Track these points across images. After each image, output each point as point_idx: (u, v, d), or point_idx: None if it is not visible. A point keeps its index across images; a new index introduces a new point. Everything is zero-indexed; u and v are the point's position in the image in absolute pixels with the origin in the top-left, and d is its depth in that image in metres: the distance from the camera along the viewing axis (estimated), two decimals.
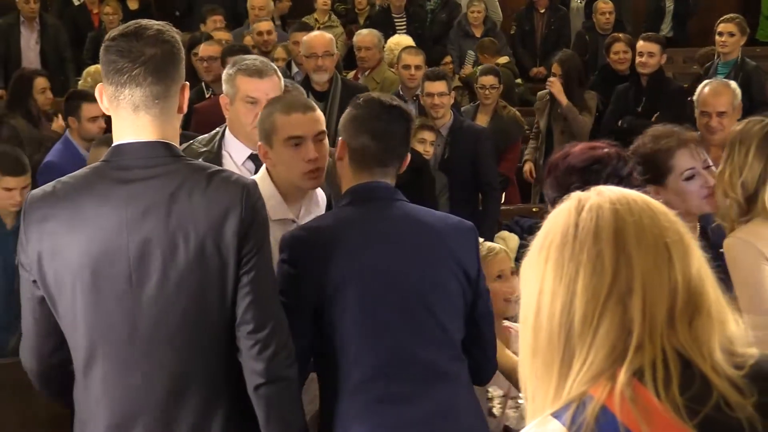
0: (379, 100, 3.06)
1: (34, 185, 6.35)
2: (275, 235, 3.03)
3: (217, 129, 4.04)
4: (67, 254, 2.58)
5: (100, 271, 2.56)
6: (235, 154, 3.87)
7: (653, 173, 3.47)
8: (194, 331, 2.60)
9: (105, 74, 2.62)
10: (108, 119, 7.22)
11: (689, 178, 3.49)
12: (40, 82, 7.46)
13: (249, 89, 3.86)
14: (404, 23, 10.91)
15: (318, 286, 2.82)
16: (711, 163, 3.55)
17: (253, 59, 4.04)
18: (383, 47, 8.42)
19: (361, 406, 2.81)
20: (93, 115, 6.47)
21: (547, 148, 7.94)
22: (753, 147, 3.42)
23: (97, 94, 2.69)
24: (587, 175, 3.07)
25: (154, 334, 2.58)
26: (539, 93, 8.36)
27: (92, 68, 8.07)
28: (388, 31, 9.99)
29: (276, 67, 4.02)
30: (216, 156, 3.88)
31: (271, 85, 3.88)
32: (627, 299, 1.55)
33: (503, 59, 9.95)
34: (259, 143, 3.37)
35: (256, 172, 3.58)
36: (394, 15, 11.05)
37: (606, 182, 3.00)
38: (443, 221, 3.00)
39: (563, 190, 3.19)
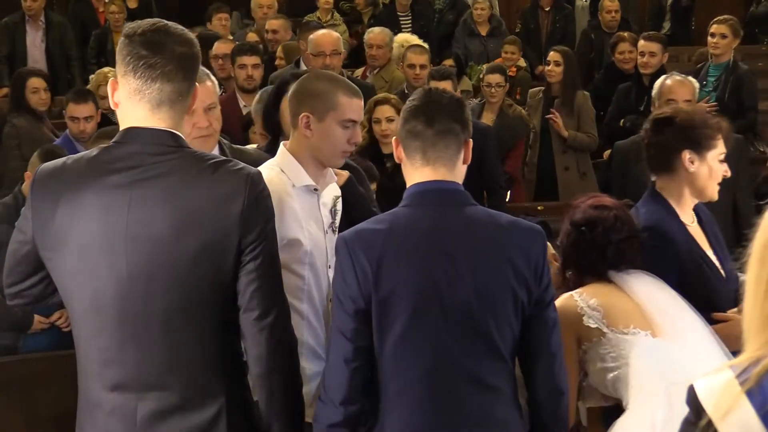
0: (428, 89, 3.06)
1: None
2: (300, 202, 3.32)
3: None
4: (67, 232, 2.62)
5: (100, 252, 2.59)
6: None
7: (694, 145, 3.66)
8: (188, 316, 2.61)
9: (132, 67, 2.63)
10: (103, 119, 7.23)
11: (721, 161, 3.68)
12: (33, 82, 7.46)
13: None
14: (409, 22, 10.91)
15: (370, 290, 2.79)
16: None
17: None
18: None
19: (403, 414, 2.80)
20: (85, 114, 6.70)
21: (543, 147, 7.99)
22: None
23: (109, 89, 2.72)
24: (576, 232, 3.42)
25: (150, 319, 2.60)
26: (531, 91, 8.40)
27: (101, 73, 7.99)
28: (394, 29, 10.00)
29: (209, 72, 3.76)
30: None
31: (206, 92, 3.60)
32: None
33: (521, 62, 9.98)
34: (305, 113, 3.36)
35: None
36: (399, 13, 11.04)
37: (592, 243, 3.35)
38: (509, 229, 2.90)
39: (564, 237, 3.45)
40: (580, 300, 3.26)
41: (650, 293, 3.30)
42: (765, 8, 12.39)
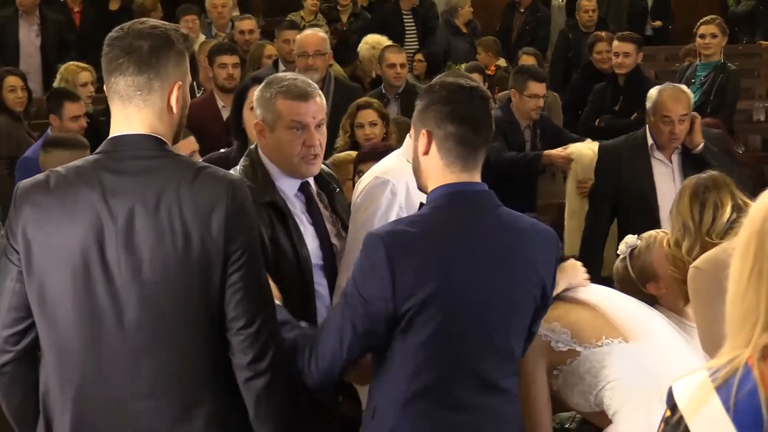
0: (458, 83, 2.96)
1: (12, 181, 6.57)
2: None
3: (244, 161, 3.60)
4: (56, 244, 2.61)
5: (89, 261, 2.59)
6: (286, 187, 3.55)
7: None
8: (178, 325, 2.63)
9: (103, 66, 2.71)
10: (91, 118, 7.31)
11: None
12: (10, 81, 7.43)
13: (294, 113, 3.45)
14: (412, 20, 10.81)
15: (406, 296, 2.77)
16: None
17: (293, 78, 3.56)
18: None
19: (417, 415, 2.82)
20: (74, 114, 6.68)
21: None
22: None
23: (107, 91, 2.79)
24: None
25: (140, 325, 2.61)
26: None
27: (63, 67, 8.04)
28: (398, 26, 10.09)
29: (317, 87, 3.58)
30: (269, 188, 3.51)
31: (317, 108, 3.50)
32: (759, 284, 1.78)
33: (501, 62, 10.03)
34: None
35: (306, 202, 3.57)
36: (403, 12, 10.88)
37: None
38: (532, 231, 2.93)
39: None
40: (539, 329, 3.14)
41: (605, 299, 3.29)
42: (744, 8, 12.54)
